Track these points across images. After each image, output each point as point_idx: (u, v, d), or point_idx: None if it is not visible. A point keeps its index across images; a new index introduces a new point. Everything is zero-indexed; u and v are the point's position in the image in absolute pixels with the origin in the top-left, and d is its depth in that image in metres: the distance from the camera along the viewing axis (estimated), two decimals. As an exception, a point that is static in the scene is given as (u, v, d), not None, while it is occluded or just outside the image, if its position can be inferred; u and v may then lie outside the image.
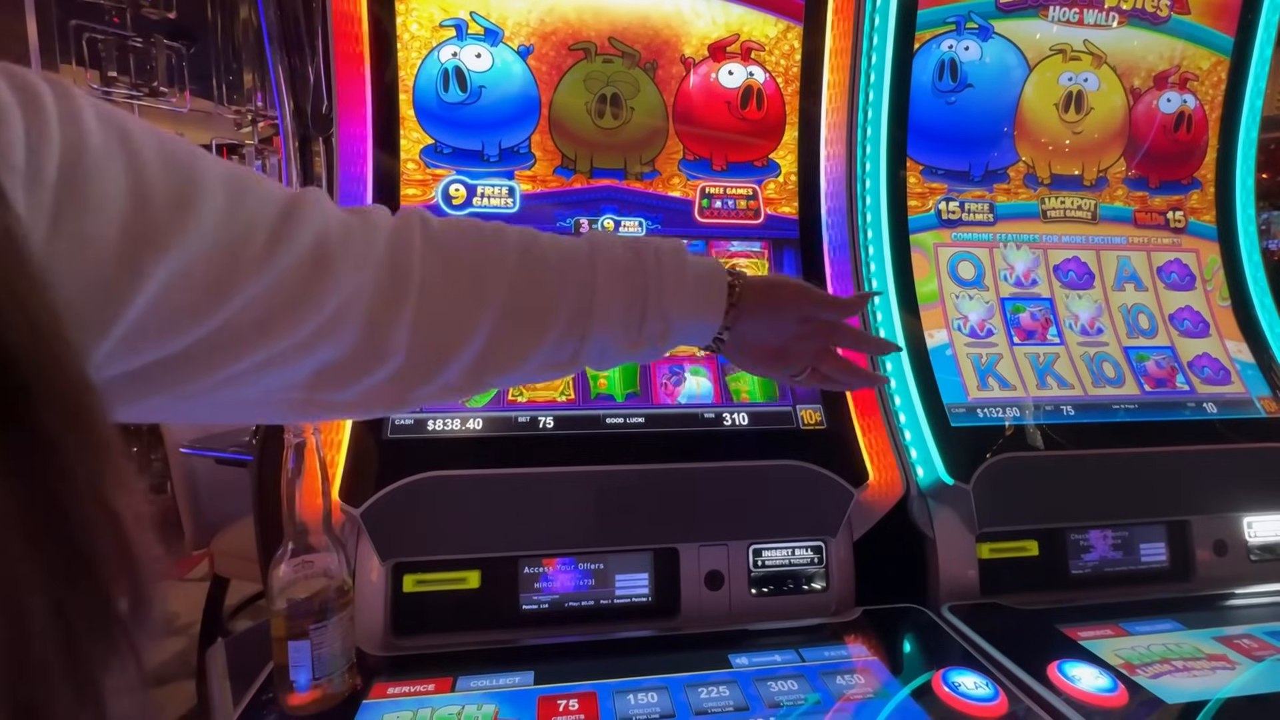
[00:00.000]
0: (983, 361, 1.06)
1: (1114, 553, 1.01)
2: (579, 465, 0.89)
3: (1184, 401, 1.08)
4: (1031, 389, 1.05)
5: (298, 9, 1.26)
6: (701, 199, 1.06)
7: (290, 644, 0.65)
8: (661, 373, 0.99)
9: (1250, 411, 1.09)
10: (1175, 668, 0.75)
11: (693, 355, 1.01)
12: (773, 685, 0.72)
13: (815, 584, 0.93)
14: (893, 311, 1.05)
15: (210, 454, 1.81)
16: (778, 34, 1.06)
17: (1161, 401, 1.07)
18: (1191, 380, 1.10)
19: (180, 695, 2.08)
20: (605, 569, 0.90)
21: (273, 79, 1.27)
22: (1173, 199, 1.20)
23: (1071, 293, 1.13)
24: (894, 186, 1.09)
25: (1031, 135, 1.15)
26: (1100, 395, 1.06)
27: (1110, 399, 1.06)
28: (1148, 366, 1.10)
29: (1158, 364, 1.10)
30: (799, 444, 0.95)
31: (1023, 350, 1.08)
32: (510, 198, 1.01)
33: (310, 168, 1.31)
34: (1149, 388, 1.08)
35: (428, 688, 0.71)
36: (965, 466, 0.94)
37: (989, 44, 1.12)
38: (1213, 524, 1.01)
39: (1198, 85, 1.20)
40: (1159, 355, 1.12)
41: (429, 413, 0.90)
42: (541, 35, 1.00)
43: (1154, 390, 1.08)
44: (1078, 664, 0.74)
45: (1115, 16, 1.15)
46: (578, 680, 0.72)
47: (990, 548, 0.97)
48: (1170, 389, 1.08)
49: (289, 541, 0.67)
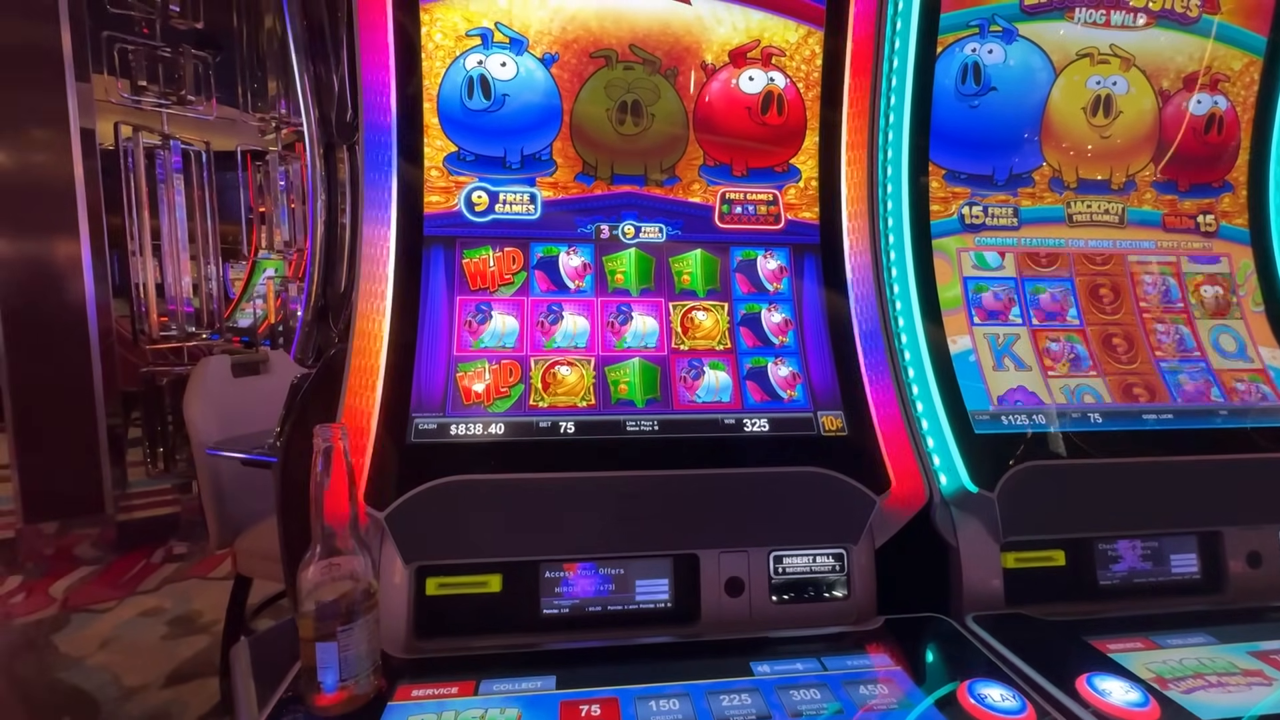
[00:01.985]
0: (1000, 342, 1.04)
1: (1143, 563, 0.99)
2: (599, 470, 0.89)
3: (1216, 409, 1.05)
4: (1057, 395, 1.03)
5: (323, 18, 1.28)
6: (722, 205, 1.06)
7: (318, 645, 0.66)
8: (680, 367, 0.99)
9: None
10: (1209, 683, 0.73)
11: (711, 350, 1.00)
12: (795, 694, 0.72)
13: (836, 592, 0.92)
14: (914, 317, 1.04)
15: (235, 455, 1.84)
16: (799, 39, 1.06)
17: (1193, 409, 1.05)
18: (1224, 388, 1.08)
19: (204, 692, 2.12)
20: (626, 574, 0.90)
21: (298, 88, 1.30)
22: (1203, 202, 1.18)
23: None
24: (916, 191, 1.08)
25: (1057, 139, 1.13)
26: (1129, 403, 1.04)
27: (1140, 407, 1.04)
28: (1179, 375, 1.08)
29: (1190, 375, 1.08)
30: (820, 450, 0.95)
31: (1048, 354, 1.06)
32: (531, 204, 1.02)
33: (334, 175, 1.33)
34: (1180, 396, 1.06)
35: (451, 690, 0.72)
36: (989, 474, 0.93)
37: (1013, 46, 1.11)
38: (1246, 535, 0.99)
39: (1229, 86, 1.17)
40: (1191, 365, 1.09)
41: (452, 417, 0.91)
42: (564, 43, 1.01)
43: (1185, 398, 1.06)
44: (1107, 677, 0.73)
45: (1143, 17, 1.13)
46: (599, 685, 0.73)
47: (1015, 557, 0.95)
48: (1204, 400, 1.06)
49: (317, 545, 0.68)
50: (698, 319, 1.03)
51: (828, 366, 1.02)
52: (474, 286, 0.99)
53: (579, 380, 0.96)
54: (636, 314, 1.02)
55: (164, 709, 2.04)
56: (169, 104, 3.40)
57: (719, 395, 0.98)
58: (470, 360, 0.95)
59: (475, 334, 0.97)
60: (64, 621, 2.56)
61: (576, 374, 0.97)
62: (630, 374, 0.98)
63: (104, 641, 2.40)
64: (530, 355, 0.97)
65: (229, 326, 3.81)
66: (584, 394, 0.96)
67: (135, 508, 3.25)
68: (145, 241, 3.37)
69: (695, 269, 1.05)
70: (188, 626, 2.50)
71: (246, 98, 3.70)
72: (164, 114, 3.42)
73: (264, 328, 3.74)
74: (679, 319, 1.02)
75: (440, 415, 0.91)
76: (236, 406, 2.03)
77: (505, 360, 0.96)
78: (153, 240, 3.41)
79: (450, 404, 0.92)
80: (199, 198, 3.60)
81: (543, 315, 1.00)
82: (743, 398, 0.99)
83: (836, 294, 1.05)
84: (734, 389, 0.99)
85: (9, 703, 2.14)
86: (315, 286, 1.31)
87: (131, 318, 3.36)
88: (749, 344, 1.02)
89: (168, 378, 3.40)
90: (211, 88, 3.51)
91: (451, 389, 0.93)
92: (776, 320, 1.04)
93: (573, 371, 0.97)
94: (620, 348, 0.99)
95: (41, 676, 2.22)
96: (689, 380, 0.99)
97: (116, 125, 3.25)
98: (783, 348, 1.03)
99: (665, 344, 1.00)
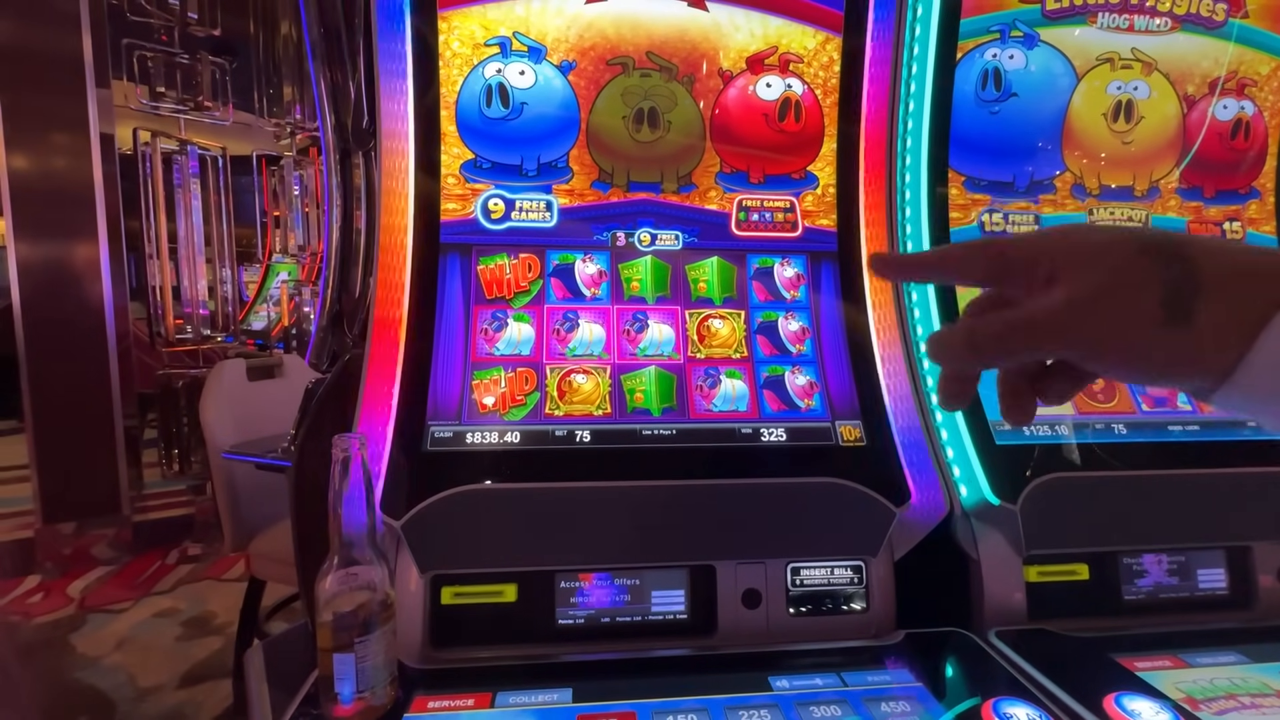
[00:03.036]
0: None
1: (1169, 578, 0.97)
2: (615, 480, 0.89)
3: (1244, 421, 1.03)
4: (1081, 406, 1.01)
5: (340, 25, 1.29)
6: (738, 212, 1.05)
7: (335, 656, 0.65)
8: (697, 375, 0.98)
9: (1316, 432, 1.04)
10: (1242, 704, 0.71)
11: (727, 358, 1.00)
12: (814, 710, 0.71)
13: (855, 604, 0.91)
14: (934, 325, 1.02)
15: (250, 459, 1.85)
16: (816, 45, 1.05)
17: (1219, 421, 1.03)
18: (1251, 398, 1.05)
19: (218, 694, 2.13)
20: (641, 585, 0.90)
21: (315, 94, 1.31)
22: (1229, 209, 1.16)
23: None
24: (935, 198, 1.07)
25: (1079, 145, 1.12)
26: (1155, 414, 1.02)
27: (1165, 418, 1.02)
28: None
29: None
30: (838, 461, 0.94)
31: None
32: (548, 211, 1.02)
33: (350, 181, 1.34)
34: (1204, 407, 1.04)
35: (467, 703, 0.71)
36: (1011, 486, 0.92)
37: (1034, 52, 1.09)
38: (1276, 550, 0.96)
39: (1256, 91, 1.15)
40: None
41: (467, 425, 0.91)
42: (580, 50, 1.01)
43: (1211, 410, 1.04)
44: (1136, 697, 0.71)
45: (1167, 21, 1.11)
46: (616, 699, 0.72)
47: (1038, 570, 0.94)
48: (1229, 407, 1.04)
49: (334, 555, 0.68)
50: (714, 327, 1.02)
51: (845, 375, 1.00)
52: (490, 294, 0.99)
53: (595, 389, 0.96)
54: (653, 322, 1.01)
55: (178, 710, 2.06)
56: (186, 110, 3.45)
57: (735, 404, 0.97)
58: (486, 368, 0.95)
59: (491, 341, 0.97)
60: (81, 621, 2.59)
61: (593, 382, 0.96)
62: (646, 382, 0.97)
63: (120, 642, 2.43)
64: (546, 363, 0.97)
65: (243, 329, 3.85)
66: (600, 402, 0.95)
67: (151, 509, 3.29)
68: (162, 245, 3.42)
69: (711, 277, 1.04)
70: (202, 628, 2.52)
71: (262, 103, 3.74)
72: (181, 119, 3.46)
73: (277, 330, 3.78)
74: (695, 327, 1.01)
75: (456, 423, 0.91)
76: (252, 410, 2.04)
77: (521, 368, 0.96)
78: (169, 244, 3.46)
79: (466, 412, 0.92)
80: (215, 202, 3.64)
81: (558, 323, 0.99)
82: (760, 407, 0.98)
83: (854, 302, 1.04)
84: (750, 398, 0.98)
85: (27, 701, 2.16)
86: (330, 292, 1.32)
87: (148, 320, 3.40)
88: (766, 353, 1.01)
89: (183, 380, 3.43)
90: (228, 94, 3.56)
91: (467, 397, 0.93)
92: (794, 329, 1.03)
93: (589, 380, 0.96)
94: (637, 356, 0.99)
95: (59, 676, 2.25)
96: (705, 389, 0.98)
97: (135, 131, 3.30)
98: (800, 356, 1.02)
99: (682, 352, 1.00)
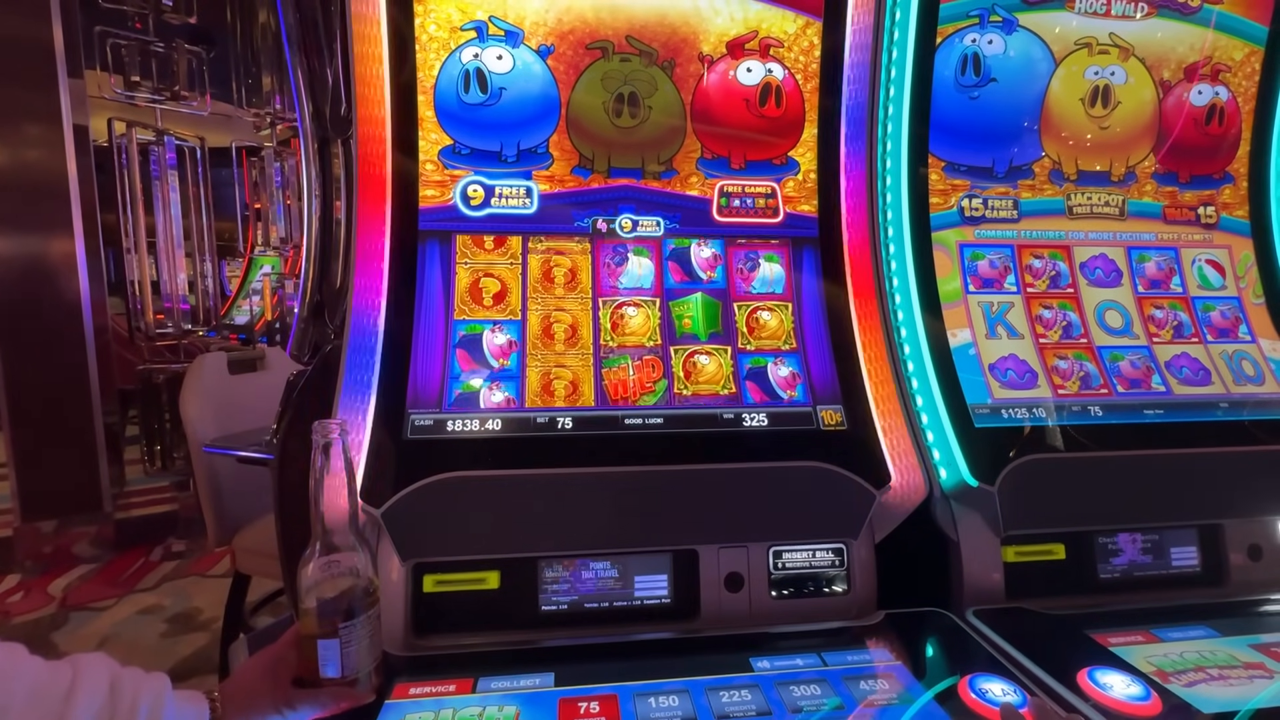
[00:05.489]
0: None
1: (1143, 557, 0.99)
2: (598, 466, 0.89)
3: (1216, 402, 1.05)
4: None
5: (316, 13, 1.26)
6: (720, 198, 1.05)
7: (320, 642, 0.65)
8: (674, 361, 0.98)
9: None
10: (1210, 676, 0.73)
11: (709, 349, 1.00)
12: (794, 689, 0.71)
13: (836, 586, 0.92)
14: (914, 310, 1.03)
15: (232, 452, 1.83)
16: (797, 30, 1.05)
17: (1193, 402, 1.04)
18: (1224, 380, 1.07)
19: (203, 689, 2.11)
20: (624, 570, 0.90)
21: (292, 82, 1.28)
22: (1204, 194, 1.17)
23: (1098, 290, 1.11)
24: (915, 184, 1.07)
25: (1057, 130, 1.13)
26: (1130, 395, 1.03)
27: (1140, 400, 1.03)
28: (1179, 366, 1.08)
29: (1191, 371, 1.08)
30: (819, 445, 0.94)
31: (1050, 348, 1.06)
32: (528, 198, 1.01)
33: (329, 170, 1.32)
34: (1178, 389, 1.05)
35: (449, 688, 0.71)
36: (989, 468, 0.93)
37: (1013, 37, 1.10)
38: (1247, 528, 0.99)
39: (1230, 77, 1.16)
40: (1189, 354, 1.09)
41: (449, 413, 0.91)
42: (559, 34, 1.00)
43: (1185, 391, 1.05)
44: (1108, 671, 0.73)
45: (1144, 7, 1.12)
46: (598, 682, 0.72)
47: (1016, 551, 0.95)
48: (1203, 391, 1.06)
49: (316, 541, 0.68)
50: (693, 314, 1.02)
51: (827, 360, 1.01)
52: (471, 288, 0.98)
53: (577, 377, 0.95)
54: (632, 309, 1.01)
55: (163, 707, 2.04)
56: (163, 100, 3.38)
57: (718, 390, 0.98)
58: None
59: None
60: (63, 620, 2.56)
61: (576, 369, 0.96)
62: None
63: (103, 639, 2.40)
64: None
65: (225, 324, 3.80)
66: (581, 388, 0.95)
67: (133, 505, 3.24)
68: (140, 238, 3.35)
69: (696, 313, 1.02)
70: (187, 624, 2.50)
71: (241, 93, 3.67)
72: (158, 110, 3.39)
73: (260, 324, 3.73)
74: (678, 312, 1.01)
75: (436, 411, 0.90)
76: (233, 404, 2.02)
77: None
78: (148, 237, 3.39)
79: (446, 400, 0.92)
80: (194, 194, 3.58)
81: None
82: (742, 392, 0.98)
83: (835, 287, 1.05)
84: (733, 384, 0.98)
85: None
86: (310, 282, 1.30)
87: (128, 315, 3.34)
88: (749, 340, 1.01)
89: (165, 375, 3.38)
90: (206, 83, 3.48)
91: (448, 385, 0.92)
92: (774, 317, 1.03)
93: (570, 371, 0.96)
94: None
95: (40, 675, 2.21)
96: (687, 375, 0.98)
97: (110, 121, 3.23)
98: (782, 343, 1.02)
99: (665, 339, 1.00)
